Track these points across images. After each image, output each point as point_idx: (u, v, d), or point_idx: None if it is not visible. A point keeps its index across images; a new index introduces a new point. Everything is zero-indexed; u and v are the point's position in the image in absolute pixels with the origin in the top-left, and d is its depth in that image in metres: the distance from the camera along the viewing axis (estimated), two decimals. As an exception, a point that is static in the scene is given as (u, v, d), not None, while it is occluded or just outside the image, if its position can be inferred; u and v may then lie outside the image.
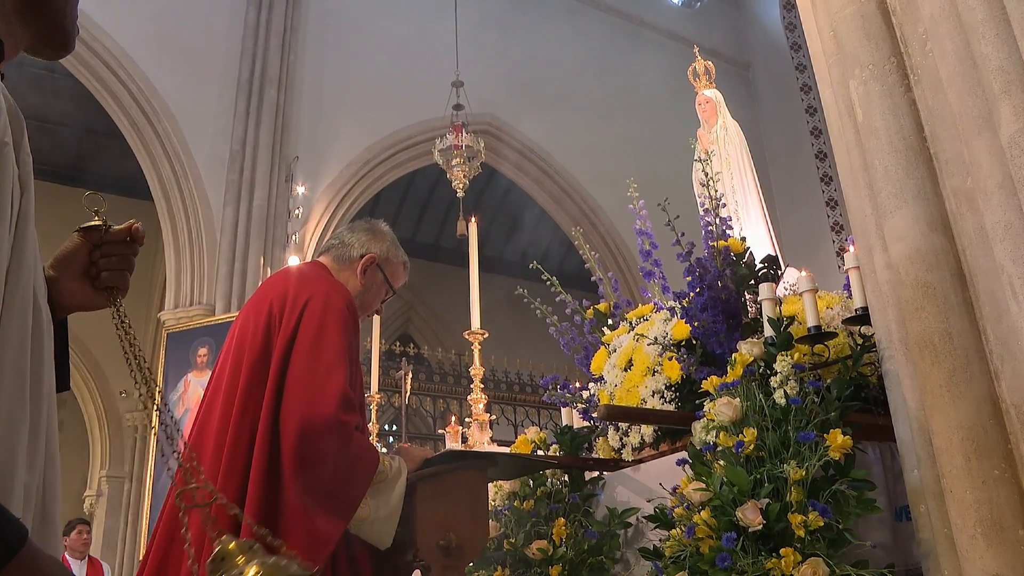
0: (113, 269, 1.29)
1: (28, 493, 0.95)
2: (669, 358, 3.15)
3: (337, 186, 9.87)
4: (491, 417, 4.90)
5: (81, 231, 1.29)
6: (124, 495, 11.39)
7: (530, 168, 11.67)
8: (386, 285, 2.56)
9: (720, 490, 2.36)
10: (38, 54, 1.14)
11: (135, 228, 1.30)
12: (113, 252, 1.29)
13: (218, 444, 2.14)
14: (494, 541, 3.13)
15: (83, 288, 1.28)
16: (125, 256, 1.30)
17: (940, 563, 2.18)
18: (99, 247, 1.28)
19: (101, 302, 1.30)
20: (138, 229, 1.30)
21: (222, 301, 8.66)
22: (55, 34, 1.13)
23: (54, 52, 1.15)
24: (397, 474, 2.18)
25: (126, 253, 1.30)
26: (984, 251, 2.09)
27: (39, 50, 1.13)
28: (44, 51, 1.14)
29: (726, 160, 4.70)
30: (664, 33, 13.06)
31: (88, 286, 1.28)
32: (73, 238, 1.29)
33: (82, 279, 1.28)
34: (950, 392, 2.13)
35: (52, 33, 1.13)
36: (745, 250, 3.25)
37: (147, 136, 9.01)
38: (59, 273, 1.27)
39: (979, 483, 2.04)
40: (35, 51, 1.13)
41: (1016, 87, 1.93)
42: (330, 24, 10.38)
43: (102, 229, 1.29)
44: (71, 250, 1.28)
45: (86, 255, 1.28)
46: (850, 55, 2.51)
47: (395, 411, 9.68)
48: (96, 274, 1.28)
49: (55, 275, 1.27)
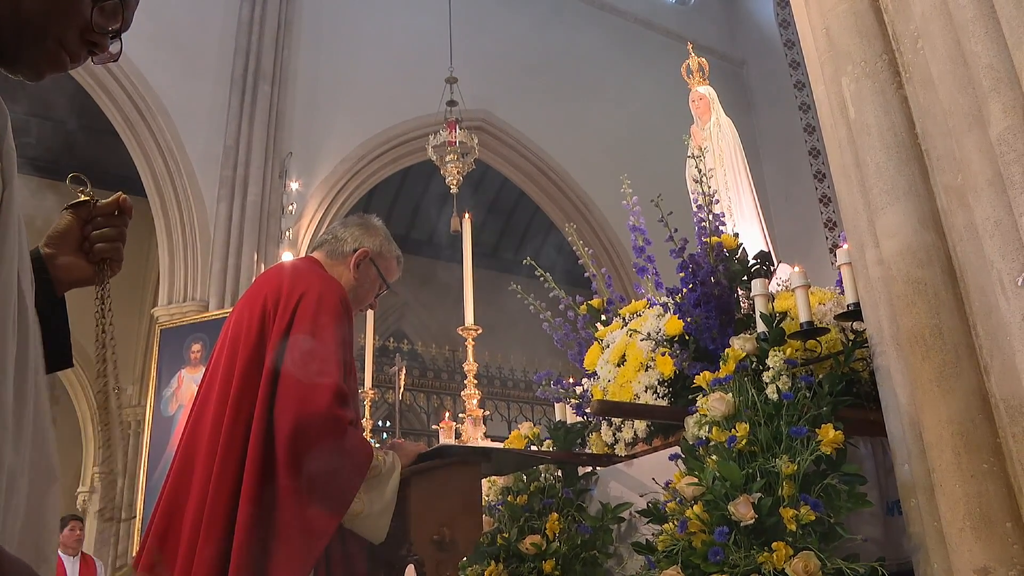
0: (106, 240, 1.32)
1: (12, 475, 0.95)
2: (662, 354, 3.17)
3: (331, 182, 9.85)
4: (485, 413, 4.91)
5: (70, 207, 1.32)
6: (117, 491, 11.36)
7: (523, 164, 11.68)
8: (379, 280, 2.57)
9: (712, 485, 2.37)
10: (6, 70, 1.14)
11: (122, 199, 1.34)
12: (104, 224, 1.32)
13: (213, 439, 2.14)
14: (487, 536, 3.14)
15: (79, 262, 1.31)
16: (116, 227, 1.33)
17: (930, 556, 2.20)
18: (90, 222, 1.32)
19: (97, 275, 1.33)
20: (125, 200, 1.34)
21: (216, 297, 8.65)
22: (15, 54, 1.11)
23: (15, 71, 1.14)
24: (391, 469, 2.18)
25: (116, 224, 1.33)
26: (974, 247, 2.11)
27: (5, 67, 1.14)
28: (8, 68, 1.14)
29: (719, 156, 4.71)
30: (658, 30, 13.07)
31: (83, 260, 1.32)
32: (64, 215, 1.32)
33: (77, 253, 1.31)
34: (940, 387, 2.15)
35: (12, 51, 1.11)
36: (738, 246, 3.26)
37: (141, 132, 8.98)
38: (55, 250, 1.30)
39: (968, 477, 2.05)
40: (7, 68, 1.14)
41: (1005, 85, 1.94)
42: (324, 20, 10.36)
43: (90, 204, 1.32)
44: (63, 227, 1.31)
45: (78, 230, 1.31)
46: (842, 52, 2.53)
47: (389, 407, 9.68)
48: (90, 248, 1.31)
49: (51, 251, 1.30)
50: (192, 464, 2.18)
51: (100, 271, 1.33)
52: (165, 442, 7.32)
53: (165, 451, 7.21)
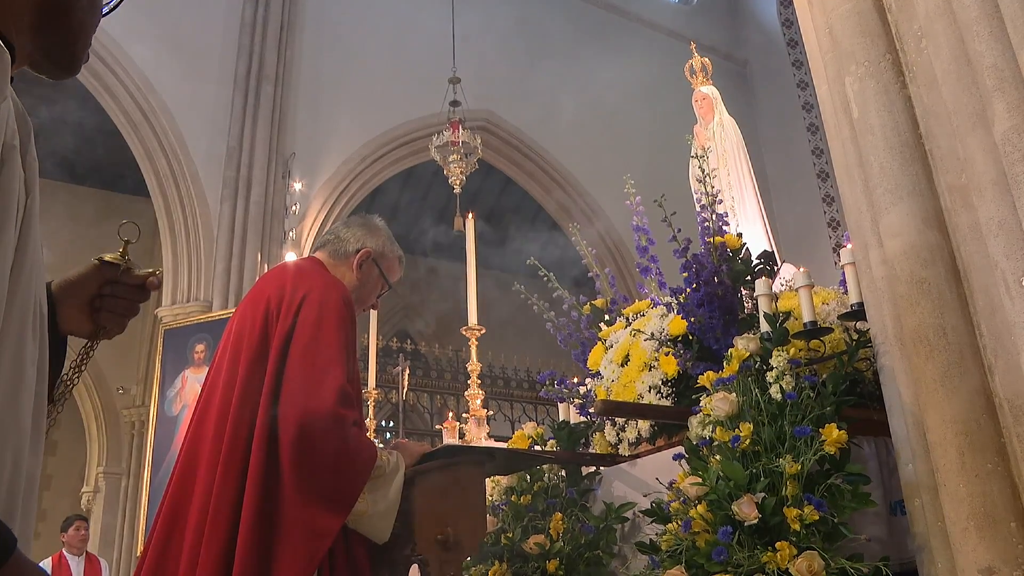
0: (115, 312, 1.28)
1: (31, 479, 0.96)
2: (666, 353, 3.17)
3: (334, 182, 9.86)
4: (488, 413, 4.91)
5: (101, 263, 1.27)
6: (121, 491, 11.38)
7: (527, 164, 11.68)
8: (382, 280, 2.57)
9: (716, 484, 2.37)
10: (42, 71, 1.14)
11: (150, 280, 1.29)
12: (123, 295, 1.28)
13: (216, 440, 2.15)
14: (491, 536, 3.14)
15: (80, 317, 1.27)
16: (132, 302, 1.29)
17: (934, 556, 2.20)
18: (111, 283, 1.27)
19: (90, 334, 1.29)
20: (154, 281, 1.29)
21: (219, 297, 8.66)
22: (63, 55, 1.13)
23: (59, 72, 1.15)
24: (395, 469, 2.18)
25: (134, 299, 1.29)
26: (978, 247, 2.10)
27: (44, 67, 1.14)
28: (49, 69, 1.14)
29: (723, 156, 4.71)
30: (661, 30, 13.05)
31: (86, 316, 1.28)
32: (90, 264, 1.27)
33: (82, 308, 1.27)
34: (944, 387, 2.14)
35: (61, 53, 1.12)
36: (741, 246, 3.26)
37: (144, 133, 9.00)
38: (63, 297, 1.26)
39: (972, 477, 2.05)
40: (40, 68, 1.13)
41: (1009, 84, 1.94)
42: (326, 20, 10.37)
43: (120, 268, 1.27)
44: (83, 276, 1.27)
45: (96, 287, 1.27)
46: (846, 52, 2.52)
47: (392, 407, 9.68)
48: (98, 307, 1.27)
49: (59, 297, 1.26)
50: (196, 464, 2.18)
51: (96, 334, 1.28)
52: (169, 442, 7.33)
53: (169, 451, 7.22)
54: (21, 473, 0.93)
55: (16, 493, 0.92)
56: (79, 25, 1.12)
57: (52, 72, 1.14)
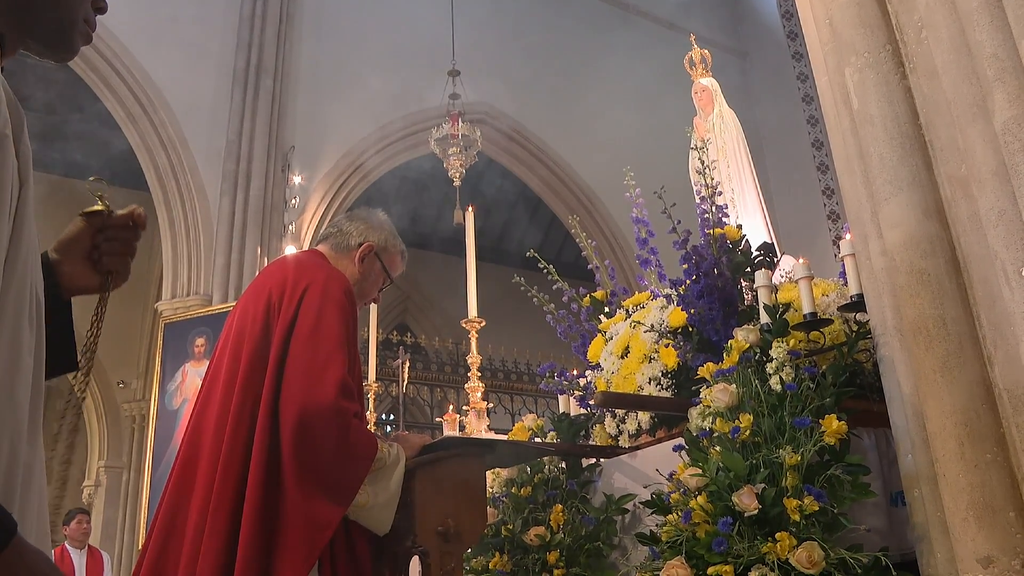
0: (114, 254, 1.31)
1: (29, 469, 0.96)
2: (666, 345, 3.17)
3: (334, 176, 9.85)
4: (488, 405, 4.92)
5: (84, 215, 1.31)
6: (123, 485, 11.42)
7: (526, 157, 11.66)
8: (384, 274, 2.57)
9: (716, 476, 2.38)
10: (41, 55, 1.16)
11: (136, 214, 1.32)
12: (115, 237, 1.31)
13: (217, 432, 2.15)
14: (492, 527, 3.15)
15: (84, 271, 1.30)
16: (126, 241, 1.32)
17: (933, 546, 2.21)
18: (101, 231, 1.30)
19: (99, 285, 1.32)
20: (140, 215, 1.32)
21: (219, 291, 8.66)
22: (57, 39, 1.15)
23: (55, 55, 1.17)
24: (395, 461, 2.19)
25: (127, 238, 1.32)
26: (978, 237, 2.11)
27: (41, 52, 1.15)
28: (46, 54, 1.16)
29: (722, 148, 4.71)
30: (661, 22, 13.01)
31: (90, 269, 1.31)
32: (76, 222, 1.31)
33: (84, 262, 1.30)
34: (944, 377, 2.15)
35: (53, 37, 1.15)
36: (741, 238, 3.26)
37: (143, 127, 8.98)
38: (62, 256, 1.29)
39: (972, 467, 2.06)
40: (38, 53, 1.15)
41: (1010, 74, 1.94)
42: (325, 14, 10.34)
43: (104, 214, 1.30)
44: (74, 234, 1.30)
45: (89, 239, 1.30)
46: (846, 43, 2.52)
47: (393, 400, 9.69)
48: (98, 257, 1.30)
49: (59, 258, 1.29)
50: (197, 457, 2.19)
51: (105, 282, 1.31)
52: (170, 436, 7.34)
53: (170, 445, 7.23)
54: (18, 461, 0.93)
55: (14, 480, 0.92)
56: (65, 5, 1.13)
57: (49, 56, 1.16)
